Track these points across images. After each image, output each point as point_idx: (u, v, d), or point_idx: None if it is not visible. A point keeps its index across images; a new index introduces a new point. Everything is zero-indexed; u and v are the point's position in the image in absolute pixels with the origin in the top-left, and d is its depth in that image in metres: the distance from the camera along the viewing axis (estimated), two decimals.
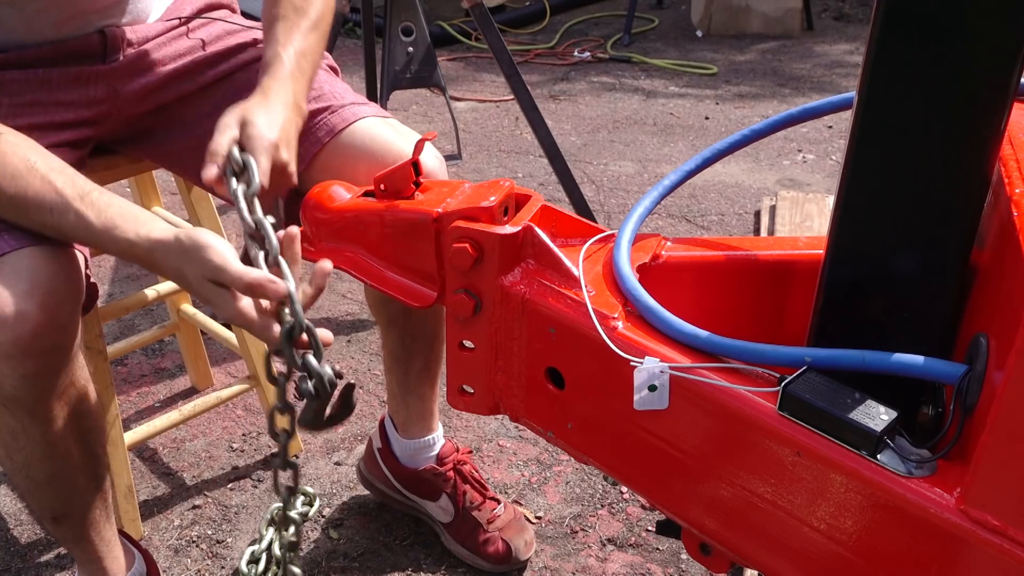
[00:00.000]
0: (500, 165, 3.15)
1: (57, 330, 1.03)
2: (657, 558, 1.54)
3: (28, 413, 1.06)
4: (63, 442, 1.11)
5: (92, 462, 1.18)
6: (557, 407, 0.97)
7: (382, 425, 1.56)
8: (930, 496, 0.71)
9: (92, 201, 1.00)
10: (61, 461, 1.13)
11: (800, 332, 0.89)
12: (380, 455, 1.56)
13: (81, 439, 1.14)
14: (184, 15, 1.33)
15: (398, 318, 1.40)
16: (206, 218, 1.58)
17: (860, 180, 0.78)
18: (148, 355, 2.07)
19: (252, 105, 1.06)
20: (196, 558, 1.54)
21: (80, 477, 1.17)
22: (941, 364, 0.74)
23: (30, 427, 1.07)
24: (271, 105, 1.07)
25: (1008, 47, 0.69)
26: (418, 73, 2.25)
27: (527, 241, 0.95)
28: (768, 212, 2.68)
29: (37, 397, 1.04)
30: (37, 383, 1.03)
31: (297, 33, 1.16)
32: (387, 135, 1.26)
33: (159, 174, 1.67)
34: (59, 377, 1.06)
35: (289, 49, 1.14)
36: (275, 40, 1.15)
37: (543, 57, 4.40)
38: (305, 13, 1.18)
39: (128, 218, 0.99)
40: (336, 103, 1.29)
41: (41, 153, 1.03)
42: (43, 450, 1.10)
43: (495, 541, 1.50)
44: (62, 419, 1.09)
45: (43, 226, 1.02)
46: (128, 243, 0.98)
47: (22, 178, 0.99)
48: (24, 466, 1.12)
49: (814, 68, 4.23)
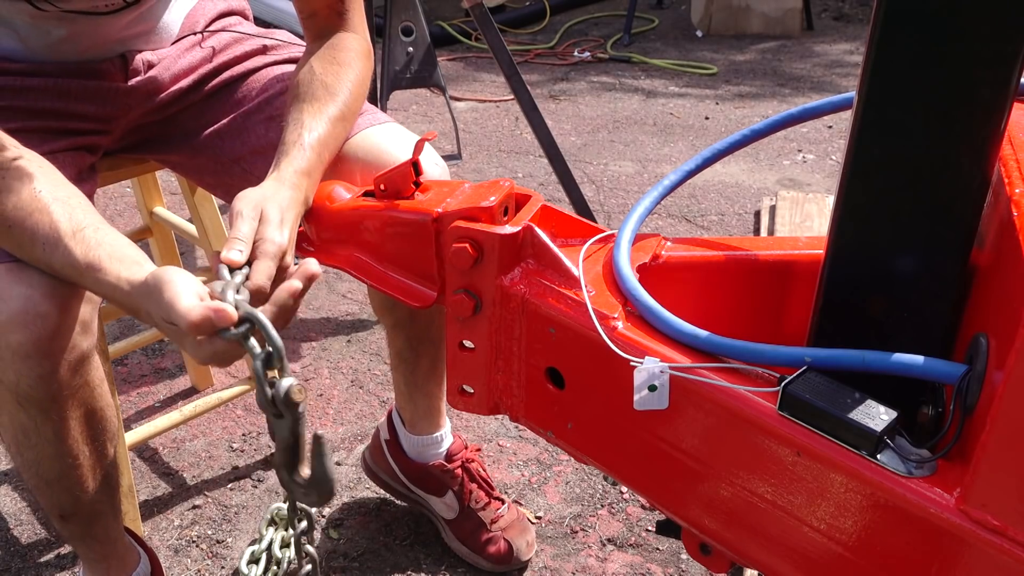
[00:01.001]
0: (500, 165, 3.15)
1: (76, 330, 1.02)
2: (657, 558, 1.54)
3: (42, 412, 1.06)
4: (75, 442, 1.11)
5: (102, 462, 1.18)
6: (557, 407, 0.97)
7: (390, 417, 1.56)
8: (930, 496, 0.71)
9: (83, 238, 0.94)
10: (71, 460, 1.13)
11: (800, 332, 0.89)
12: (387, 447, 1.56)
13: (93, 439, 1.14)
14: (199, 28, 1.34)
15: (404, 321, 1.40)
16: (208, 218, 1.58)
17: (860, 180, 0.78)
18: (148, 355, 2.07)
19: (270, 196, 1.00)
20: (196, 558, 1.54)
21: (89, 477, 1.17)
22: (941, 364, 0.74)
23: (43, 426, 1.07)
24: (287, 203, 1.01)
25: (1008, 47, 0.69)
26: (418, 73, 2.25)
27: (527, 241, 0.95)
28: (768, 212, 2.68)
29: (52, 397, 1.04)
30: (53, 383, 1.03)
31: (323, 120, 1.10)
32: (383, 143, 1.25)
33: (160, 174, 1.67)
34: (75, 377, 1.05)
35: (314, 135, 1.08)
36: (300, 123, 1.09)
37: (543, 57, 4.40)
38: (334, 96, 1.13)
39: (115, 259, 0.93)
40: None
41: (50, 181, 0.98)
42: (54, 448, 1.10)
43: (497, 541, 1.50)
44: (75, 419, 1.09)
45: (35, 260, 0.97)
46: (110, 287, 0.92)
47: (22, 208, 0.94)
48: (34, 463, 1.12)
49: (814, 68, 4.23)
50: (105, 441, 1.17)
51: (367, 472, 1.61)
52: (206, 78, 1.33)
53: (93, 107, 1.24)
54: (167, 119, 1.33)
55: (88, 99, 1.23)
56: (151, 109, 1.30)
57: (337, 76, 1.15)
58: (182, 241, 1.98)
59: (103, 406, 1.14)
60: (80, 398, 1.08)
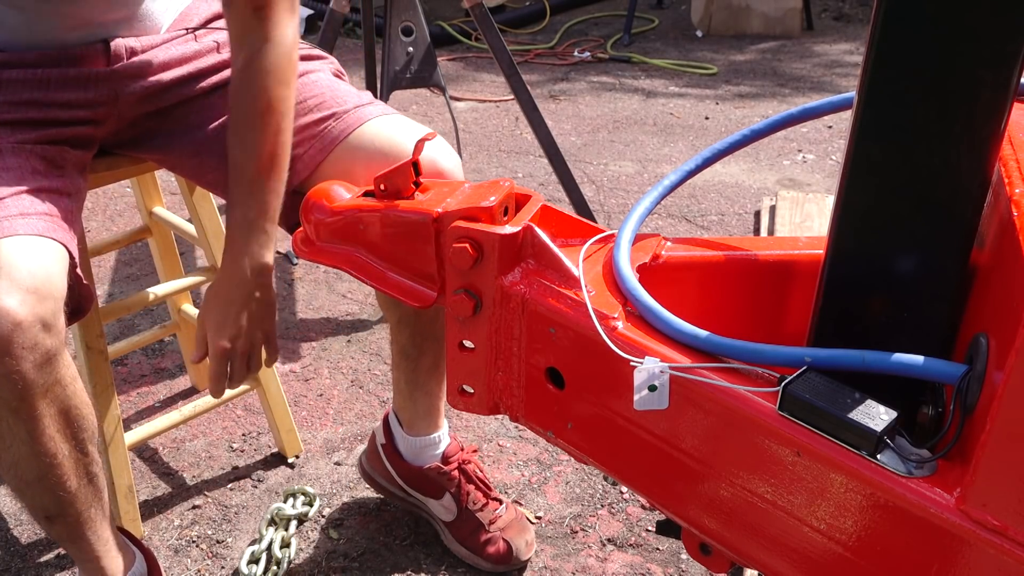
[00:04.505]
0: (500, 165, 3.15)
1: (38, 328, 1.01)
2: (657, 558, 1.54)
3: (12, 412, 1.05)
4: (50, 440, 1.10)
5: (84, 461, 1.17)
6: (557, 407, 0.97)
7: (386, 421, 1.56)
8: (930, 496, 0.71)
9: None
10: (49, 459, 1.11)
11: (800, 332, 0.89)
12: (384, 451, 1.56)
13: (71, 438, 1.13)
14: (192, 25, 1.33)
15: (410, 317, 1.40)
16: (207, 218, 1.58)
17: (860, 180, 0.78)
18: (148, 355, 2.07)
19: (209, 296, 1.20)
20: (196, 558, 1.54)
21: (71, 476, 1.15)
22: (941, 364, 0.74)
23: (15, 426, 1.06)
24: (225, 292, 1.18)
25: (1008, 47, 0.69)
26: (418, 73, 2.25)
27: (527, 241, 0.95)
28: (768, 212, 2.68)
29: (20, 396, 1.03)
30: (19, 382, 1.02)
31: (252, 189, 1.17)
32: (393, 133, 1.27)
33: (160, 174, 1.67)
34: (43, 375, 1.04)
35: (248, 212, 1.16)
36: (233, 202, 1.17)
37: (543, 57, 4.40)
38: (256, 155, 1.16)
39: None
40: (340, 109, 1.29)
41: None
42: (29, 448, 1.09)
43: (496, 541, 1.50)
44: (49, 417, 1.08)
45: None
46: None
47: None
48: (12, 465, 1.11)
49: (814, 68, 4.23)
50: (84, 440, 1.15)
51: (364, 477, 1.61)
52: (203, 73, 1.32)
53: (76, 94, 1.23)
54: (162, 112, 1.32)
55: (70, 87, 1.23)
56: (141, 97, 1.29)
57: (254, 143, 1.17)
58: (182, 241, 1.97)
59: (77, 404, 1.12)
60: (51, 397, 1.07)
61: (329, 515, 1.62)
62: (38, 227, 1.07)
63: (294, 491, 1.63)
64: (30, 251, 1.03)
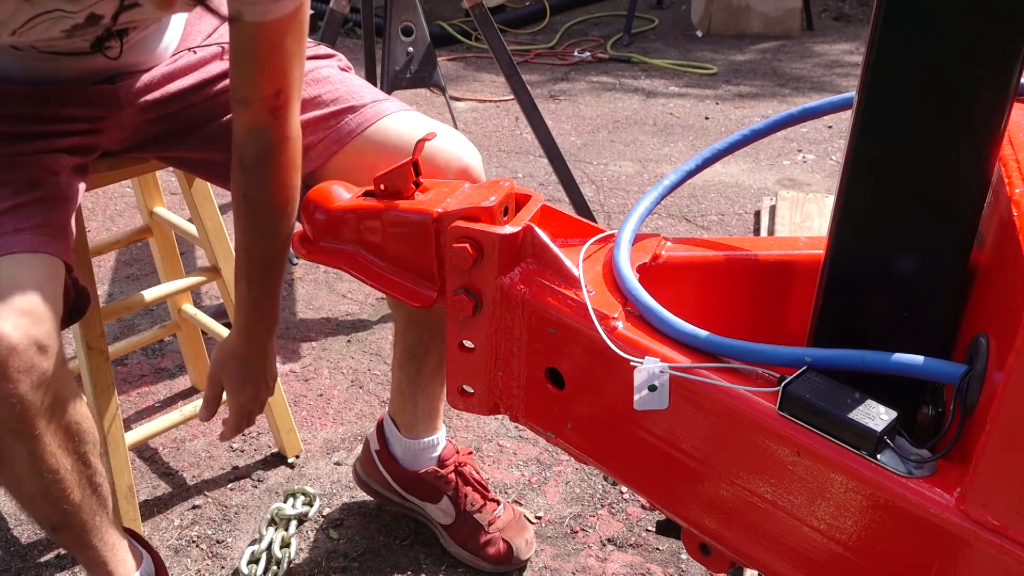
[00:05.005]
0: (500, 165, 3.15)
1: (34, 351, 1.00)
2: (657, 558, 1.54)
3: (12, 433, 1.04)
4: (52, 457, 1.09)
5: (87, 473, 1.16)
6: (557, 407, 0.97)
7: (380, 427, 1.56)
8: (930, 496, 0.71)
9: None
10: (51, 476, 1.10)
11: (800, 332, 0.89)
12: (378, 457, 1.55)
13: (72, 452, 1.12)
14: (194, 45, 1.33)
15: (419, 316, 1.39)
16: (208, 218, 1.58)
17: (860, 180, 0.78)
18: (148, 355, 2.07)
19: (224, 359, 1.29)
20: (196, 558, 1.54)
21: (75, 488, 1.15)
22: (941, 364, 0.74)
23: (16, 446, 1.05)
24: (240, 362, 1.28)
25: (1008, 47, 0.69)
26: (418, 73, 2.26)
27: (527, 241, 0.95)
28: (768, 212, 2.68)
29: (19, 417, 1.02)
30: (17, 404, 1.01)
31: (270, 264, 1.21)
32: (414, 130, 1.26)
33: (160, 174, 1.67)
34: (41, 396, 1.03)
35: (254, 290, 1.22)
36: (240, 278, 1.22)
37: (543, 57, 4.40)
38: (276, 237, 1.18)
39: None
40: (357, 103, 1.29)
41: None
42: (31, 466, 1.08)
43: (496, 542, 1.50)
44: (49, 435, 1.07)
45: None
46: None
47: None
48: (16, 481, 1.11)
49: (814, 68, 4.23)
50: (86, 452, 1.15)
51: (359, 484, 1.60)
52: (212, 80, 1.32)
53: (79, 110, 1.23)
54: (168, 116, 1.32)
55: (72, 103, 1.22)
56: (145, 108, 1.29)
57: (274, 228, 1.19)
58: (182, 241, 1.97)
59: (78, 419, 1.11)
60: (51, 415, 1.06)
61: (329, 515, 1.62)
62: (32, 243, 1.06)
63: (294, 491, 1.63)
64: (24, 271, 1.02)
